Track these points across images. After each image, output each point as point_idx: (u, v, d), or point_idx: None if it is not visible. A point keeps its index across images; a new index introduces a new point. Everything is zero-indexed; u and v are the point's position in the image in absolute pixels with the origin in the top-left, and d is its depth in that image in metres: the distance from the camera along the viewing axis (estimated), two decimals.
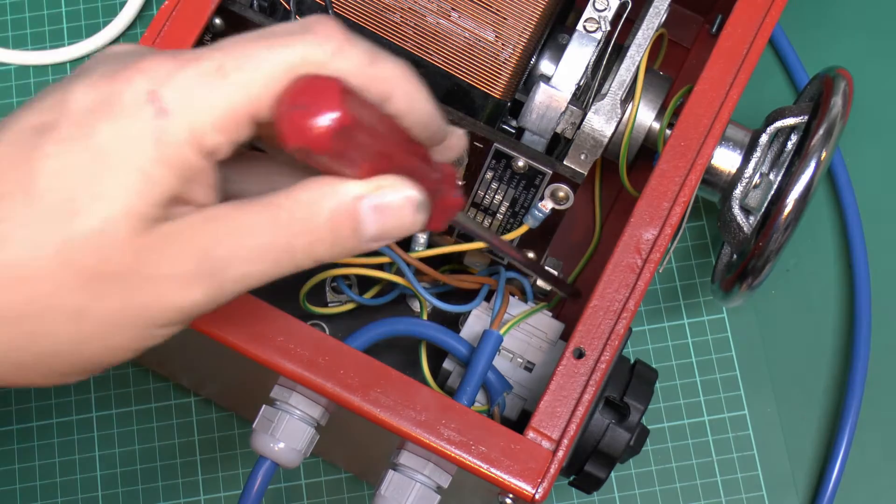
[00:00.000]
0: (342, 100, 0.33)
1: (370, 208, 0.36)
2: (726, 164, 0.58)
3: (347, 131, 0.34)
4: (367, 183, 0.36)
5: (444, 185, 0.39)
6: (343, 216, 0.36)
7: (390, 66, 0.37)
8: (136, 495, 0.64)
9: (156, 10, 0.71)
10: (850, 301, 0.68)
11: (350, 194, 0.36)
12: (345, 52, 0.35)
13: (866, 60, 0.71)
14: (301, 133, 0.33)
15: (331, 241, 0.36)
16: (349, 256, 0.37)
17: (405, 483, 0.48)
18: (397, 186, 0.36)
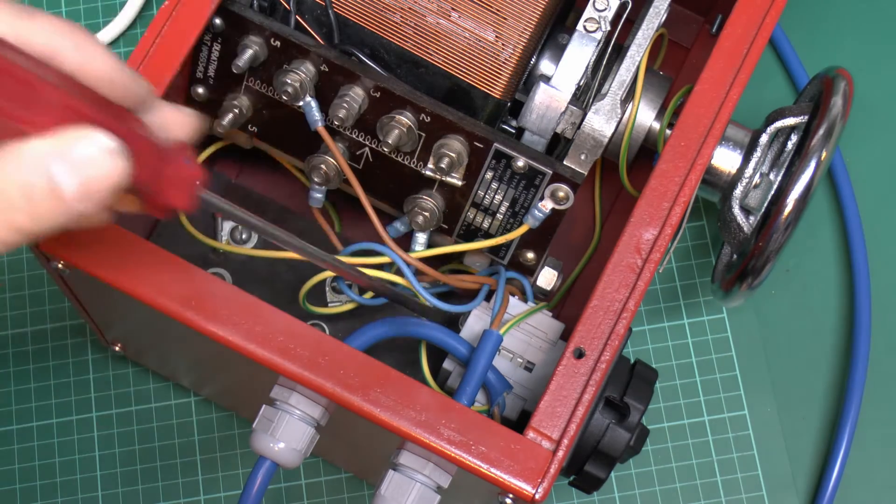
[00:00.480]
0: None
1: (62, 164, 0.33)
2: (726, 164, 0.58)
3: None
4: (53, 137, 0.33)
5: (171, 154, 0.37)
6: (33, 177, 0.33)
7: (45, 22, 0.34)
8: (136, 495, 0.64)
9: (156, 10, 0.71)
10: (850, 301, 0.68)
11: (34, 152, 0.33)
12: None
13: (866, 60, 0.71)
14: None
15: (29, 208, 0.33)
16: (65, 224, 0.34)
17: (405, 483, 0.48)
18: (88, 135, 0.33)
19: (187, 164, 0.38)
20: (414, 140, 0.53)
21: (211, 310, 0.47)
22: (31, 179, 0.33)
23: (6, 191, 0.33)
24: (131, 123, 0.36)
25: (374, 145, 0.54)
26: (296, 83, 0.52)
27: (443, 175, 0.53)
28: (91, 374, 0.66)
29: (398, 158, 0.54)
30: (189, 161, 0.38)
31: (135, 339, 0.61)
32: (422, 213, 0.55)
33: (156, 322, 0.51)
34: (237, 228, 0.60)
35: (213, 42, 0.54)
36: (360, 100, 0.53)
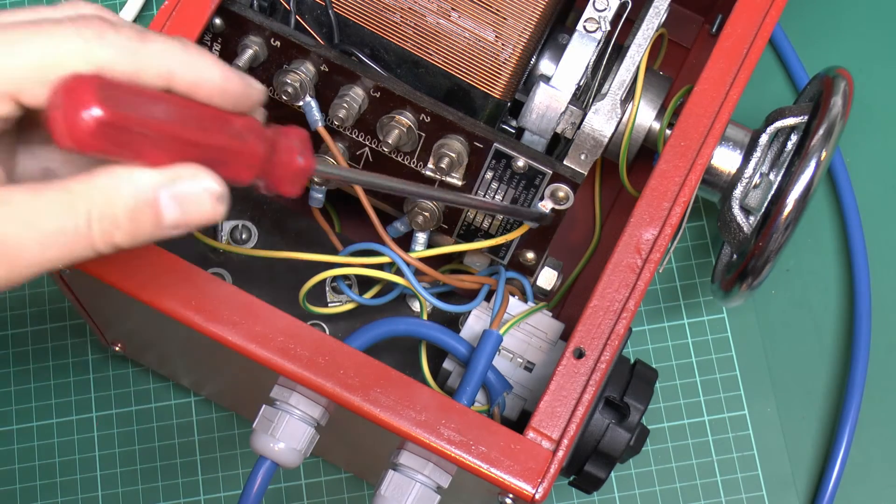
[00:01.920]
0: (98, 96, 0.33)
1: (169, 197, 0.36)
2: (726, 164, 0.58)
3: (110, 129, 0.33)
4: (165, 172, 0.35)
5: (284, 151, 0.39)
6: (142, 205, 0.35)
7: (160, 45, 0.36)
8: (135, 495, 0.64)
9: (156, 10, 0.71)
10: (850, 301, 0.68)
11: (147, 183, 0.35)
12: (105, 38, 0.35)
13: (866, 60, 0.71)
14: (62, 134, 0.33)
15: (130, 229, 0.36)
16: (150, 242, 0.37)
17: (405, 483, 0.48)
18: (196, 176, 0.36)
19: (300, 160, 0.39)
20: (414, 140, 0.53)
21: (211, 310, 0.47)
22: (140, 205, 0.35)
23: (115, 211, 0.35)
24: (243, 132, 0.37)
25: (374, 145, 0.54)
26: (296, 83, 0.52)
27: (443, 175, 0.53)
28: (91, 374, 0.66)
29: (398, 158, 0.54)
30: (302, 156, 0.39)
31: (135, 339, 0.61)
32: (422, 213, 0.55)
33: (156, 322, 0.51)
34: (237, 228, 0.60)
35: (213, 42, 0.54)
36: (360, 100, 0.53)
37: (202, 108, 0.37)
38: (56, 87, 0.34)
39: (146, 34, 0.36)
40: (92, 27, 0.35)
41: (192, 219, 0.36)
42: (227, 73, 0.37)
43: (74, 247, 0.35)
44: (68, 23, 0.35)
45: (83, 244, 0.35)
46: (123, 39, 0.35)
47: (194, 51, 0.37)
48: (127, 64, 0.35)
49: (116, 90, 0.34)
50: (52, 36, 0.34)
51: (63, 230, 0.35)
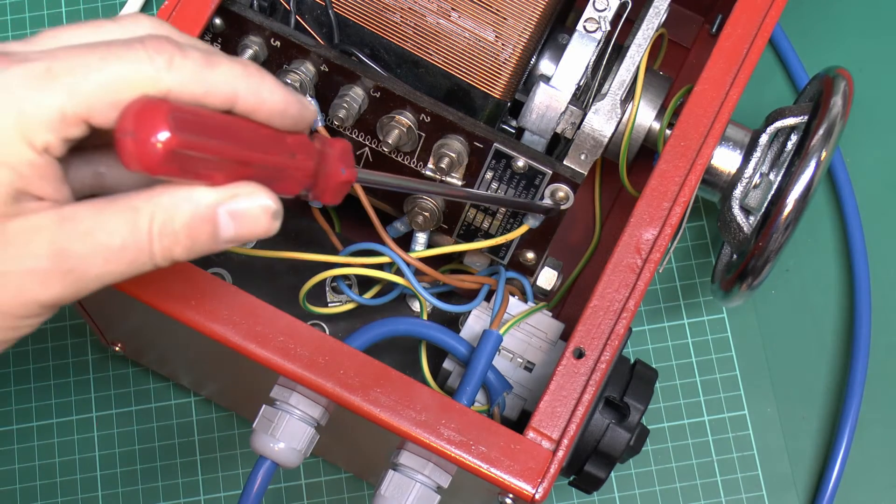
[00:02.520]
0: (169, 124, 0.34)
1: (227, 214, 0.37)
2: (726, 164, 0.58)
3: (178, 154, 0.34)
4: (224, 190, 0.37)
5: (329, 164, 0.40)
6: (201, 222, 0.37)
7: (226, 69, 0.37)
8: (136, 495, 0.64)
9: (156, 10, 0.71)
10: (850, 301, 0.68)
11: (206, 201, 0.37)
12: (175, 64, 0.36)
13: (866, 60, 0.71)
14: (131, 159, 0.34)
15: (188, 244, 0.37)
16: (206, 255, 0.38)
17: (405, 483, 0.48)
18: (253, 195, 0.37)
19: (343, 172, 0.41)
20: (414, 140, 0.53)
21: (211, 310, 0.47)
22: (199, 223, 0.37)
23: (175, 227, 0.37)
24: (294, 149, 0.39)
25: (374, 145, 0.54)
26: (296, 83, 0.52)
27: (443, 175, 0.53)
28: (91, 374, 0.66)
29: (398, 158, 0.54)
30: (346, 168, 0.41)
31: (135, 339, 0.61)
32: (422, 213, 0.55)
33: (156, 322, 0.51)
34: None
35: (213, 42, 0.54)
36: (360, 100, 0.53)
37: (260, 129, 0.38)
38: (126, 111, 0.35)
39: (212, 58, 0.37)
40: (162, 53, 0.36)
41: (247, 234, 0.38)
42: (288, 97, 0.38)
43: (136, 261, 0.37)
44: (139, 46, 0.36)
45: (144, 259, 0.37)
46: (191, 64, 0.36)
47: (256, 74, 0.38)
48: (194, 89, 0.36)
49: (184, 116, 0.35)
50: (124, 60, 0.35)
51: (126, 246, 0.36)
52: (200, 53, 0.37)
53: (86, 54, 0.35)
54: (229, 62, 0.37)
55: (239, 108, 0.37)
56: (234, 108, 0.37)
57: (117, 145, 0.35)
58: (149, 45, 0.36)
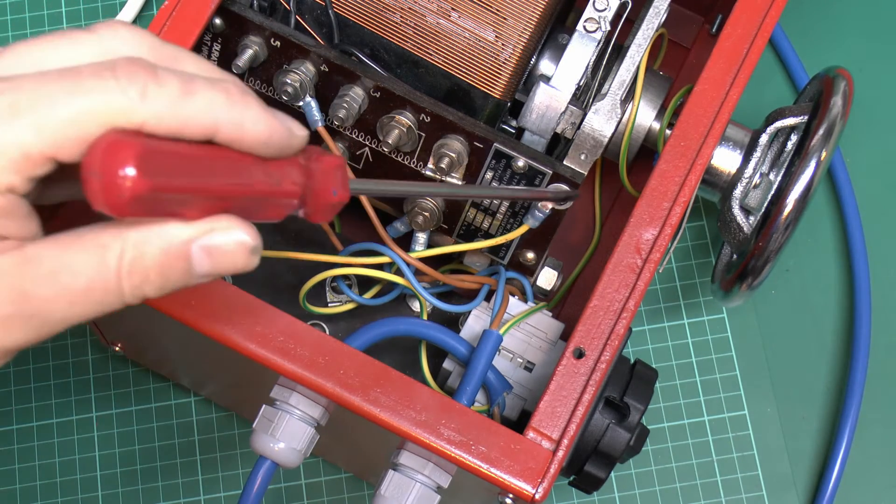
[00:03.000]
0: (137, 167, 0.32)
1: (201, 250, 0.35)
2: (726, 164, 0.58)
3: (147, 198, 0.32)
4: (198, 226, 0.35)
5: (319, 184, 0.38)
6: (174, 259, 0.35)
7: (206, 98, 0.34)
8: (136, 495, 0.64)
9: (156, 10, 0.71)
10: (850, 301, 0.68)
11: (180, 237, 0.35)
12: (149, 95, 0.33)
13: (866, 60, 0.71)
14: (97, 201, 0.32)
15: (160, 282, 0.35)
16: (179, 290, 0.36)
17: (405, 483, 0.48)
18: (230, 230, 0.35)
19: (334, 194, 0.38)
20: (414, 140, 0.53)
21: (211, 310, 0.47)
22: (172, 260, 0.35)
23: (145, 267, 0.34)
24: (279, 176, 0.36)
25: (374, 145, 0.54)
26: (296, 83, 0.52)
27: (443, 175, 0.53)
28: (91, 374, 0.66)
29: (398, 158, 0.54)
30: (337, 190, 0.38)
31: (135, 339, 0.61)
32: (422, 213, 0.55)
33: (156, 322, 0.51)
34: None
35: (213, 42, 0.54)
36: (360, 100, 0.53)
37: (242, 158, 0.35)
38: (92, 149, 0.32)
39: (191, 86, 0.34)
40: (135, 82, 0.33)
41: (223, 270, 0.36)
42: (273, 124, 0.36)
43: (103, 301, 0.35)
44: (109, 75, 0.33)
45: (112, 298, 0.35)
46: (166, 94, 0.33)
47: (239, 102, 0.35)
48: (169, 121, 0.34)
49: (154, 156, 0.33)
50: (93, 92, 0.33)
51: (93, 287, 0.34)
52: (177, 81, 0.34)
53: (52, 85, 0.33)
54: (209, 89, 0.34)
55: (220, 138, 0.35)
56: (214, 139, 0.35)
57: (83, 183, 0.32)
58: (120, 72, 0.33)
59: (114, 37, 0.36)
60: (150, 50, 0.36)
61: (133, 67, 0.33)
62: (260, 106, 0.36)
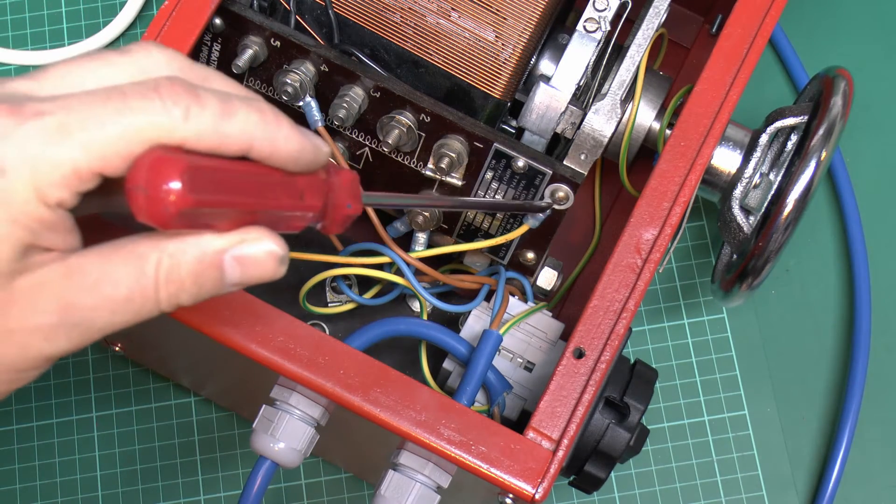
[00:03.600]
0: (182, 183, 0.34)
1: (233, 259, 0.37)
2: (726, 164, 0.58)
3: (189, 211, 0.34)
4: (231, 237, 0.36)
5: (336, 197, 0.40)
6: (208, 268, 0.36)
7: (243, 118, 0.36)
8: (136, 495, 0.64)
9: (156, 10, 0.71)
10: (850, 301, 0.68)
11: (214, 247, 0.36)
12: (192, 115, 0.35)
13: (866, 60, 0.71)
14: (142, 214, 0.34)
15: (195, 291, 0.37)
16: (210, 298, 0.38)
17: (405, 483, 0.48)
18: (261, 240, 0.37)
19: (350, 207, 0.40)
20: (414, 140, 0.53)
21: (211, 310, 0.47)
22: (206, 269, 0.36)
23: (181, 276, 0.36)
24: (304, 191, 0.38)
25: (374, 145, 0.54)
26: (296, 83, 0.52)
27: (443, 175, 0.53)
28: (91, 374, 0.66)
29: (398, 158, 0.54)
30: (351, 203, 0.41)
31: (135, 339, 0.61)
32: (422, 213, 0.55)
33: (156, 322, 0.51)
34: None
35: (213, 42, 0.54)
36: (360, 100, 0.53)
37: (272, 174, 0.37)
38: (138, 165, 0.34)
39: (229, 105, 0.36)
40: (179, 103, 0.35)
41: (253, 278, 0.37)
42: (303, 142, 0.38)
43: (141, 310, 0.36)
44: (154, 96, 0.35)
45: (150, 306, 0.36)
46: (208, 115, 0.35)
47: (273, 121, 0.37)
48: (209, 140, 0.35)
49: (196, 172, 0.34)
50: (140, 112, 0.34)
51: (132, 296, 0.36)
52: (217, 102, 0.36)
53: (100, 106, 0.34)
54: (246, 109, 0.36)
55: (253, 154, 0.37)
56: (248, 155, 0.37)
57: (128, 197, 0.34)
58: (165, 93, 0.35)
59: (147, 58, 0.37)
60: (180, 71, 0.38)
61: (176, 88, 0.35)
62: (290, 124, 0.38)
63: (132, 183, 0.34)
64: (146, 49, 0.38)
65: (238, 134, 0.36)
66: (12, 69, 0.71)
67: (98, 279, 0.35)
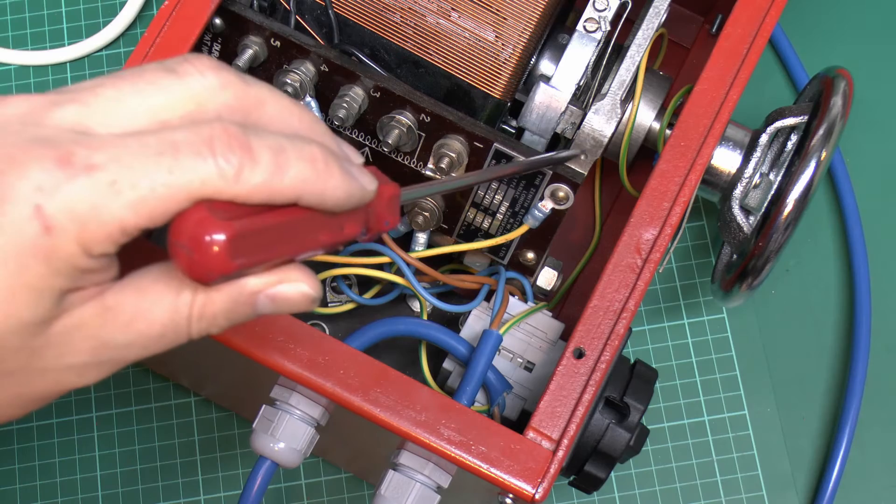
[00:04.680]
0: (225, 248, 0.33)
1: (266, 297, 0.36)
2: (726, 164, 0.58)
3: (231, 271, 0.34)
4: (268, 277, 0.36)
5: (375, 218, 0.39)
6: (241, 306, 0.36)
7: (295, 174, 0.35)
8: (136, 495, 0.64)
9: (156, 10, 0.71)
10: (850, 301, 0.68)
11: (250, 288, 0.36)
12: (244, 175, 0.34)
13: (866, 60, 0.71)
14: (183, 270, 0.34)
15: (225, 325, 0.36)
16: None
17: (405, 483, 0.48)
18: (296, 282, 0.37)
19: (386, 225, 0.40)
20: (414, 140, 0.53)
21: None
22: (239, 308, 0.36)
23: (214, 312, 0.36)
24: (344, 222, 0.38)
25: (374, 145, 0.54)
26: (296, 83, 0.52)
27: (443, 175, 0.53)
28: None
29: (398, 158, 0.54)
30: (389, 220, 0.40)
31: None
32: (422, 213, 0.55)
33: None
34: None
35: (213, 42, 0.54)
36: (360, 100, 0.53)
37: (315, 217, 0.37)
38: (183, 223, 0.34)
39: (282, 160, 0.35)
40: (232, 162, 0.34)
41: (283, 312, 0.37)
42: (350, 190, 0.37)
43: (172, 343, 0.36)
44: (207, 153, 0.34)
45: (180, 340, 0.36)
46: (259, 174, 0.34)
47: (323, 171, 0.36)
48: (259, 196, 0.34)
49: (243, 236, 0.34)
50: (192, 172, 0.33)
51: (165, 333, 0.36)
52: (270, 156, 0.34)
53: (152, 163, 0.33)
54: (297, 159, 0.35)
55: (301, 203, 0.36)
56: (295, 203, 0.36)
57: (170, 249, 0.34)
58: (218, 148, 0.34)
59: (201, 82, 0.36)
60: (234, 96, 0.36)
61: (230, 142, 0.34)
62: (340, 171, 0.37)
63: (174, 239, 0.34)
64: (200, 70, 0.36)
65: (288, 190, 0.35)
66: (12, 69, 0.71)
67: (133, 317, 0.35)
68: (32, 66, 0.71)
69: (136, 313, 0.35)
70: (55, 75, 0.71)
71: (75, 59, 0.71)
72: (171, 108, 0.35)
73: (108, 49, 0.71)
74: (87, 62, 0.71)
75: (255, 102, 0.37)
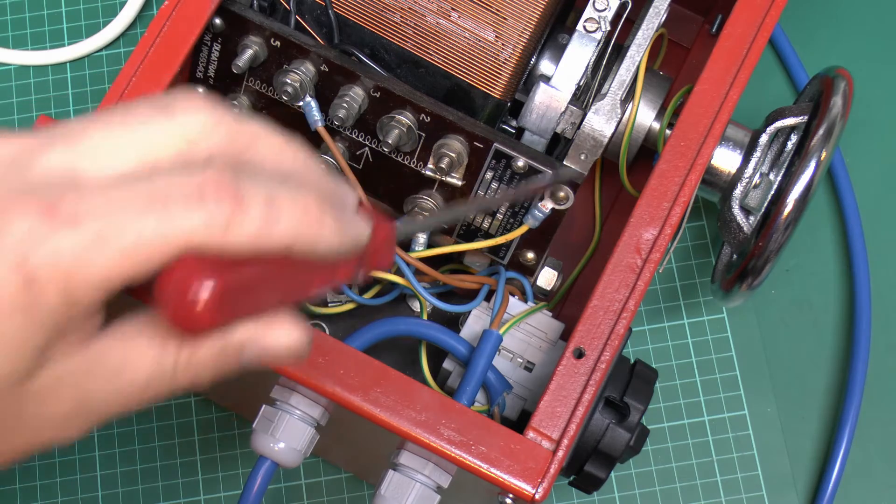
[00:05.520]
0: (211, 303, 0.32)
1: (253, 347, 0.36)
2: (726, 164, 0.58)
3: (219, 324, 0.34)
4: (256, 327, 0.35)
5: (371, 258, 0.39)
6: (228, 357, 0.35)
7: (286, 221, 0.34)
8: (135, 495, 0.64)
9: (156, 10, 0.71)
10: (850, 301, 0.68)
11: (237, 338, 0.35)
12: (234, 227, 0.33)
13: (866, 60, 0.71)
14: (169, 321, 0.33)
15: (210, 375, 0.36)
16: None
17: (405, 483, 0.48)
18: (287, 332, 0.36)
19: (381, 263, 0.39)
20: (414, 140, 0.53)
21: None
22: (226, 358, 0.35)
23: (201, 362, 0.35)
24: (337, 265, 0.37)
25: (374, 145, 0.54)
26: (296, 83, 0.52)
27: (443, 175, 0.53)
28: None
29: (398, 158, 0.54)
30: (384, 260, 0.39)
31: None
32: (422, 213, 0.55)
33: None
34: None
35: (213, 42, 0.54)
36: (360, 100, 0.53)
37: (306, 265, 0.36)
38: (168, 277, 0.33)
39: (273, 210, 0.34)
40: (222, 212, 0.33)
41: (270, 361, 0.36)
42: (343, 239, 0.36)
43: (155, 395, 0.35)
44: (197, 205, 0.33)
45: (164, 391, 0.35)
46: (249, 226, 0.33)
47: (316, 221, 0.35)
48: (248, 249, 0.33)
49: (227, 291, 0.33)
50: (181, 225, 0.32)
51: (150, 385, 0.35)
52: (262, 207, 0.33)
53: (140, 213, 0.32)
54: (290, 211, 0.34)
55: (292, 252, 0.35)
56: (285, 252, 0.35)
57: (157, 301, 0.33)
58: (209, 197, 0.33)
59: (193, 121, 0.35)
60: (227, 135, 0.35)
61: (220, 192, 0.33)
62: (333, 220, 0.36)
63: (160, 292, 0.33)
64: (193, 110, 0.35)
65: (279, 241, 0.34)
66: (12, 69, 0.71)
67: (118, 368, 0.34)
68: (32, 66, 0.71)
69: (122, 365, 0.34)
70: (55, 75, 0.71)
71: (75, 59, 0.71)
72: (161, 147, 0.34)
73: (108, 49, 0.71)
74: (87, 62, 0.71)
75: (248, 141, 0.36)
